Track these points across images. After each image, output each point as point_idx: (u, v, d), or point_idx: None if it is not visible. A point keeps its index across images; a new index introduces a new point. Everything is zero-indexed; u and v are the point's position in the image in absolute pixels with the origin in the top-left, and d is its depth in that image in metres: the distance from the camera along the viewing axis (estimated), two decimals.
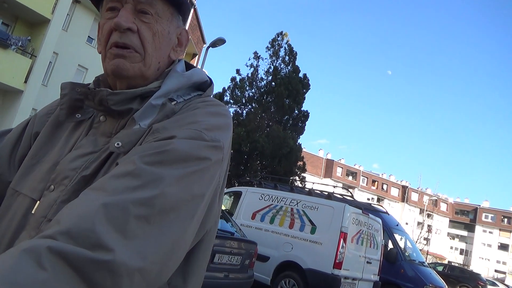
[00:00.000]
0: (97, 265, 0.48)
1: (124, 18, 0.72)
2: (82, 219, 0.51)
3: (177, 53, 0.85)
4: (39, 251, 0.46)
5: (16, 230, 0.71)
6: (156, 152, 0.62)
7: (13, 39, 13.18)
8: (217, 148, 0.69)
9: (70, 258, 0.47)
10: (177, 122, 0.69)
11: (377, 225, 7.93)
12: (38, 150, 0.81)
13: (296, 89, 18.11)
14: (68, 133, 0.82)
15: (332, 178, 50.32)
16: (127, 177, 0.58)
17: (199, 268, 0.75)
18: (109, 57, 0.75)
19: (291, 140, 16.93)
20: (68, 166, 0.73)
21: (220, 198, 0.75)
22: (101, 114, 0.78)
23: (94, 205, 0.53)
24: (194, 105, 0.76)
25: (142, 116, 0.72)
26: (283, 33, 19.54)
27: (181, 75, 0.80)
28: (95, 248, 0.49)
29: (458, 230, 62.99)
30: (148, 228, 0.55)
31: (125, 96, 0.74)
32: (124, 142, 0.69)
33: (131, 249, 0.51)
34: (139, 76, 0.76)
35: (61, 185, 0.71)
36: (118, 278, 0.49)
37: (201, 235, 0.72)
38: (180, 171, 0.61)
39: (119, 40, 0.73)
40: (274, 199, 7.87)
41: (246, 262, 5.88)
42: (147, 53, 0.75)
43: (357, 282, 7.09)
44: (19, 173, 0.80)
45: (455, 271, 22.87)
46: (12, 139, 0.86)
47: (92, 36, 17.62)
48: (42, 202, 0.71)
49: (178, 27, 0.83)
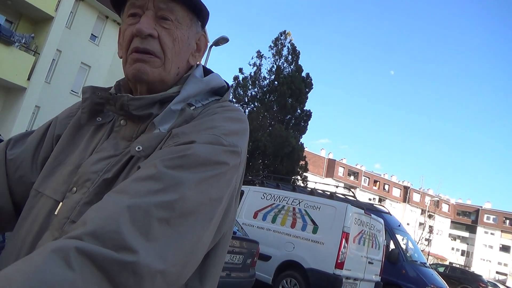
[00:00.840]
0: (122, 266, 0.49)
1: (146, 24, 0.74)
2: (107, 221, 0.53)
3: (196, 58, 0.86)
4: (67, 251, 0.48)
5: (39, 231, 0.73)
6: (176, 157, 0.64)
7: (17, 36, 13.22)
8: (234, 153, 0.70)
9: (97, 259, 0.48)
10: (196, 127, 0.71)
11: (379, 225, 7.94)
12: (60, 153, 0.83)
13: (299, 88, 18.13)
14: (89, 136, 0.83)
15: (333, 178, 50.34)
16: (149, 180, 0.60)
17: (215, 270, 0.76)
18: (129, 62, 0.76)
19: (293, 140, 16.95)
20: (90, 169, 0.74)
21: (235, 202, 0.77)
22: (121, 118, 0.79)
23: (118, 207, 0.55)
24: (212, 110, 0.77)
25: (162, 121, 0.73)
26: (286, 32, 19.55)
27: (200, 80, 0.82)
28: (120, 249, 0.50)
29: (460, 231, 62.93)
30: (169, 231, 0.56)
31: (146, 102, 0.76)
32: (145, 146, 0.70)
33: (154, 252, 0.53)
34: (159, 81, 0.78)
35: (83, 187, 0.72)
36: (141, 280, 0.51)
37: (218, 239, 0.74)
38: (199, 175, 0.63)
39: (140, 45, 0.75)
40: (276, 198, 7.88)
41: (248, 261, 5.90)
42: (167, 58, 0.77)
43: (358, 282, 7.10)
44: (42, 174, 0.81)
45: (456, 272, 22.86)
46: (34, 141, 0.88)
47: (95, 34, 17.66)
48: (65, 204, 0.73)
49: (197, 32, 0.84)
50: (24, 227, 0.76)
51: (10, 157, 0.85)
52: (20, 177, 0.84)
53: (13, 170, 0.84)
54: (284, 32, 19.57)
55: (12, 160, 0.85)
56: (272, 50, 19.34)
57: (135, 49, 0.75)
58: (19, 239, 0.75)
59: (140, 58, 0.75)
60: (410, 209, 57.24)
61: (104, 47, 17.92)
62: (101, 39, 17.92)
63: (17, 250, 0.74)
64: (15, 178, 0.84)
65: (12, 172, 0.84)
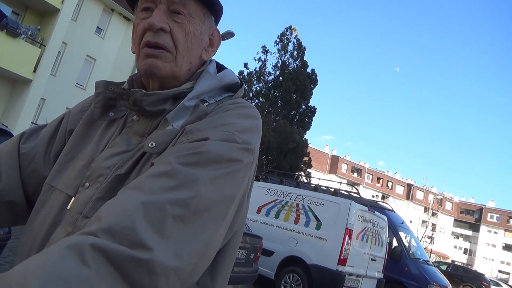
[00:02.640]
0: (137, 263, 0.49)
1: (157, 18, 0.73)
2: (122, 217, 0.53)
3: (209, 53, 0.85)
4: (82, 247, 0.48)
5: (52, 225, 0.73)
6: (191, 153, 0.63)
7: (23, 28, 13.23)
8: (248, 150, 0.70)
9: (112, 256, 0.48)
10: (209, 124, 0.70)
11: (383, 222, 7.93)
12: (73, 147, 0.83)
13: (304, 84, 18.08)
14: (101, 131, 0.83)
15: (337, 175, 50.30)
16: (164, 177, 0.60)
17: (226, 268, 0.76)
18: (141, 56, 0.76)
19: (297, 135, 16.93)
20: (103, 164, 0.74)
21: (247, 200, 0.77)
22: (134, 113, 0.79)
23: (133, 203, 0.55)
24: (226, 106, 0.77)
25: (175, 117, 0.73)
26: (292, 28, 19.46)
27: (214, 76, 0.81)
28: (134, 246, 0.50)
29: (463, 229, 62.80)
30: (183, 228, 0.56)
31: (159, 97, 0.75)
32: (158, 143, 0.70)
33: (168, 249, 0.53)
34: (171, 76, 0.77)
35: (96, 182, 0.72)
36: (155, 277, 0.50)
37: (230, 236, 0.73)
38: (213, 172, 0.62)
39: (152, 39, 0.74)
40: (279, 194, 7.89)
41: (251, 256, 5.92)
42: (179, 53, 0.76)
43: (361, 279, 7.11)
44: (54, 169, 0.81)
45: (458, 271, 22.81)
46: (47, 135, 0.88)
47: (101, 27, 17.65)
48: (78, 199, 0.73)
49: (210, 27, 0.83)
50: (36, 221, 0.76)
51: (23, 151, 0.85)
52: (32, 170, 0.84)
53: (26, 163, 0.84)
54: (290, 27, 19.47)
55: (25, 154, 0.85)
56: (277, 45, 19.27)
57: (146, 43, 0.75)
58: (32, 233, 0.76)
59: (151, 53, 0.74)
60: (413, 206, 57.12)
61: (109, 40, 17.92)
62: (106, 32, 17.90)
63: (30, 244, 0.75)
64: (28, 171, 0.84)
65: (25, 165, 0.84)
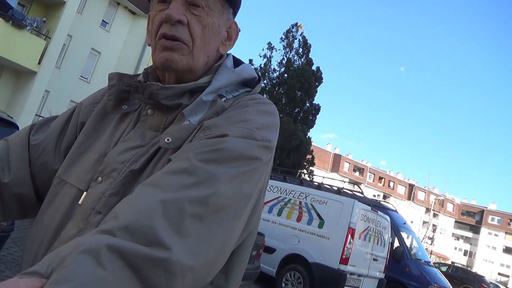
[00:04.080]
0: (154, 263, 0.48)
1: (175, 10, 0.71)
2: (140, 215, 0.51)
3: (226, 47, 0.83)
4: (98, 248, 0.46)
5: (63, 219, 0.71)
6: (210, 150, 0.61)
7: (28, 19, 13.20)
8: (267, 148, 0.68)
9: (128, 256, 0.47)
10: (228, 120, 0.69)
11: (385, 222, 7.91)
12: (85, 140, 0.81)
13: (308, 82, 18.02)
14: (114, 124, 0.81)
15: (339, 173, 50.27)
16: (182, 174, 0.58)
17: (240, 268, 0.75)
18: (158, 49, 0.74)
19: (301, 133, 16.91)
20: (117, 159, 0.72)
21: (263, 198, 0.75)
22: (149, 107, 0.77)
23: (151, 201, 0.53)
24: (244, 102, 0.75)
25: (192, 112, 0.71)
26: (298, 25, 19.39)
27: (232, 71, 0.79)
28: (152, 245, 0.49)
29: (463, 231, 62.71)
30: (202, 227, 0.54)
31: (176, 91, 0.73)
32: (174, 138, 0.68)
33: (186, 248, 0.51)
34: (187, 69, 0.75)
35: (110, 177, 0.70)
36: (172, 277, 0.49)
37: (245, 236, 0.72)
38: (233, 170, 0.61)
39: (169, 32, 0.72)
40: (282, 191, 7.88)
41: (253, 253, 5.90)
42: (196, 46, 0.74)
43: (362, 279, 7.10)
44: (65, 162, 0.79)
45: (458, 272, 22.80)
46: (58, 127, 0.86)
47: (106, 20, 17.62)
48: (90, 194, 0.71)
49: (228, 20, 0.81)
50: (47, 215, 0.75)
51: (33, 143, 0.83)
52: (42, 163, 0.82)
53: (36, 156, 0.82)
54: (296, 24, 19.39)
55: (36, 146, 0.83)
56: (283, 42, 19.21)
57: (163, 35, 0.72)
58: (42, 227, 0.74)
59: (168, 45, 0.72)
60: (415, 207, 57.07)
61: (114, 34, 17.88)
62: (111, 26, 17.87)
63: (40, 238, 0.73)
64: (37, 164, 0.82)
65: (35, 158, 0.82)
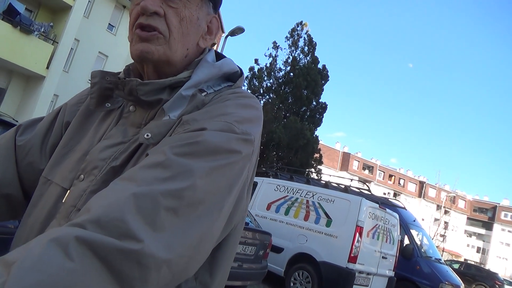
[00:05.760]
0: (125, 255, 0.47)
1: (151, 1, 0.71)
2: (111, 208, 0.51)
3: (207, 41, 0.82)
4: (66, 240, 0.46)
5: (47, 218, 0.72)
6: (186, 143, 0.61)
7: (36, 25, 13.38)
8: (247, 141, 0.67)
9: (98, 248, 0.46)
10: (207, 114, 0.68)
11: (394, 220, 7.84)
12: (69, 140, 0.82)
13: (314, 80, 17.95)
14: (98, 123, 0.81)
15: (348, 172, 50.00)
16: (157, 168, 0.57)
17: (226, 263, 0.74)
18: (135, 40, 0.73)
19: (308, 132, 16.85)
20: (98, 156, 0.72)
21: (248, 193, 0.74)
22: (130, 104, 0.77)
23: (124, 194, 0.53)
24: (225, 96, 0.74)
25: (172, 107, 0.71)
26: (303, 23, 19.31)
27: (212, 65, 0.78)
28: (124, 237, 0.48)
29: (476, 228, 61.91)
30: (177, 221, 0.54)
31: (155, 86, 0.73)
32: (154, 134, 0.68)
33: (160, 241, 0.51)
34: (165, 60, 0.74)
35: (91, 175, 0.71)
36: (146, 270, 0.48)
37: (228, 230, 0.71)
38: (210, 163, 0.60)
39: (144, 22, 0.72)
40: (289, 190, 7.85)
41: (260, 252, 5.90)
42: (172, 37, 0.74)
43: (371, 277, 7.05)
44: (51, 162, 0.80)
45: (471, 270, 22.53)
46: (43, 127, 0.87)
47: (113, 24, 17.77)
48: (72, 192, 0.71)
49: (208, 14, 0.80)
50: (32, 215, 0.75)
51: (19, 143, 0.84)
52: (29, 163, 0.83)
53: (22, 156, 0.83)
54: (301, 22, 19.32)
55: (21, 146, 0.84)
56: (288, 41, 19.14)
57: (139, 25, 0.72)
58: (27, 226, 0.75)
59: (143, 36, 0.72)
60: (425, 204, 56.54)
61: (121, 37, 18.02)
62: (118, 29, 18.02)
63: (25, 237, 0.74)
64: (24, 164, 0.83)
65: (21, 158, 0.83)
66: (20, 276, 0.42)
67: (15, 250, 0.47)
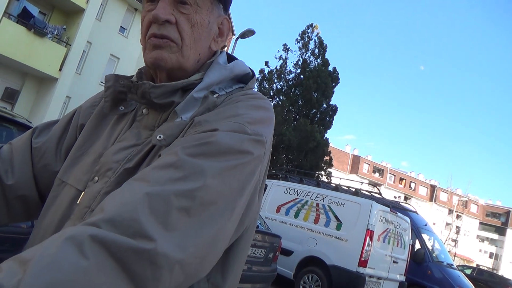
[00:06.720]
0: (138, 255, 0.48)
1: (162, 10, 0.72)
2: (125, 208, 0.52)
3: (218, 43, 0.83)
4: (81, 239, 0.46)
5: (62, 219, 0.73)
6: (198, 144, 0.61)
7: (49, 27, 13.61)
8: (259, 142, 0.67)
9: (112, 247, 0.47)
10: (219, 115, 0.68)
11: (405, 224, 7.75)
12: (84, 142, 0.83)
13: (325, 82, 17.90)
14: (111, 125, 0.83)
15: (358, 175, 49.71)
16: (170, 168, 0.58)
17: (238, 265, 0.74)
18: (148, 48, 0.74)
19: (318, 134, 16.80)
20: (112, 158, 0.73)
21: (260, 194, 0.74)
22: (144, 107, 0.78)
23: (137, 194, 0.53)
24: (236, 97, 0.74)
25: (184, 109, 0.71)
26: (314, 25, 19.29)
27: (224, 67, 0.79)
28: (137, 237, 0.49)
29: (489, 232, 60.93)
30: (189, 221, 0.54)
31: (167, 89, 0.74)
32: (166, 135, 0.68)
33: (172, 241, 0.51)
34: (178, 67, 0.75)
35: (105, 176, 0.72)
36: (159, 269, 0.49)
37: (240, 231, 0.71)
38: (222, 164, 0.60)
39: (158, 32, 0.73)
40: (299, 193, 7.82)
41: (269, 255, 5.88)
42: (185, 44, 0.74)
43: (382, 282, 6.97)
44: (65, 164, 0.81)
45: (484, 275, 22.15)
46: (58, 130, 0.88)
47: (125, 26, 17.97)
48: (87, 193, 0.72)
49: (219, 16, 0.81)
50: (47, 216, 0.77)
51: (35, 146, 0.86)
52: (44, 165, 0.84)
53: (38, 158, 0.85)
54: (311, 25, 19.30)
55: (37, 149, 0.86)
56: (298, 43, 19.13)
57: (152, 35, 0.73)
58: (42, 227, 0.76)
59: (157, 44, 0.73)
60: (437, 208, 55.84)
61: (132, 40, 18.22)
62: (130, 32, 18.21)
63: (40, 237, 0.75)
64: (39, 166, 0.84)
65: (37, 160, 0.85)
66: (36, 274, 0.42)
67: (31, 248, 0.48)
